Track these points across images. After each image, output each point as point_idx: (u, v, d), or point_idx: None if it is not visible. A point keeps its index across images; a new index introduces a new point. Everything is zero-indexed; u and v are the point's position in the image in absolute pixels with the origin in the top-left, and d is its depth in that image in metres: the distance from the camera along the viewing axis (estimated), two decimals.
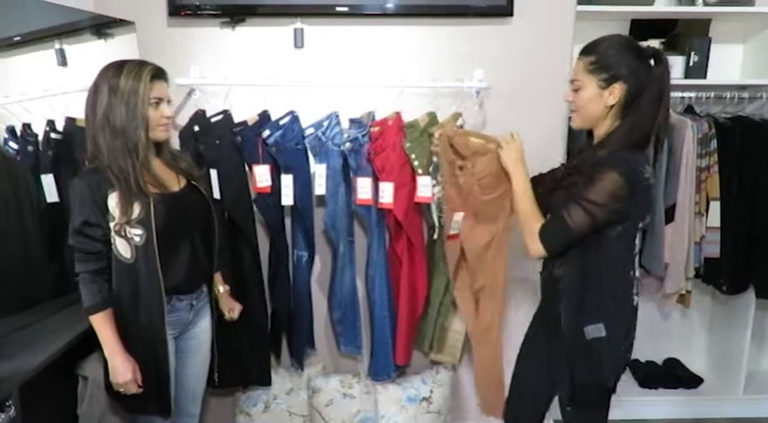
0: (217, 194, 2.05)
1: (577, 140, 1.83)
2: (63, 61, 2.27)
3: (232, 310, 1.94)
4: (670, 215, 2.39)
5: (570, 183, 1.52)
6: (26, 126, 2.21)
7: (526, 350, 1.80)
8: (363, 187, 2.07)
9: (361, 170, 2.07)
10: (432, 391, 2.38)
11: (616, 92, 1.47)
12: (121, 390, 1.57)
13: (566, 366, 1.55)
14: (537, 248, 1.53)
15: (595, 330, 1.49)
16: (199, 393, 1.85)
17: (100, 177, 1.51)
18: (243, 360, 2.21)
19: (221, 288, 1.91)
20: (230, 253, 2.14)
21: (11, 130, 2.21)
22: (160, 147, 1.67)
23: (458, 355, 2.37)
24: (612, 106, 1.50)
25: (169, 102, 1.61)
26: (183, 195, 1.67)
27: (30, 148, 2.16)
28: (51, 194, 2.09)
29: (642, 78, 1.45)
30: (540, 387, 1.74)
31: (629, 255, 1.52)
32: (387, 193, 2.03)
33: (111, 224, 1.51)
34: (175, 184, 1.67)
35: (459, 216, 1.89)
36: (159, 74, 1.56)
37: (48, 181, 2.12)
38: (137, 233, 1.51)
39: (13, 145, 2.19)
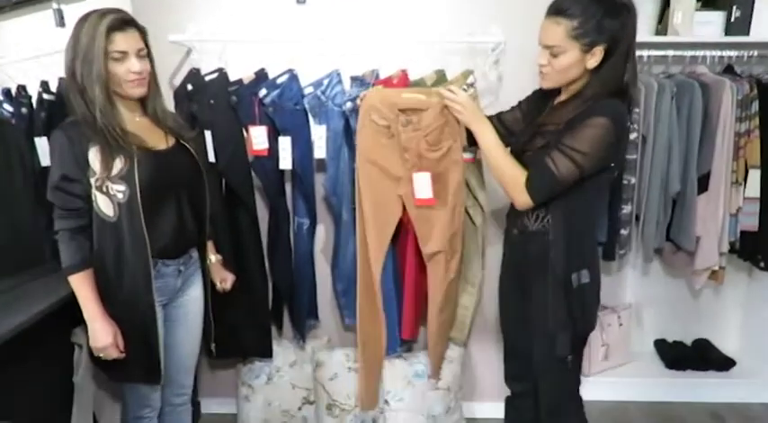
0: (212, 157, 1.95)
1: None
2: (61, 22, 2.19)
3: (224, 280, 1.84)
4: (703, 184, 2.19)
5: (542, 145, 1.49)
6: (21, 88, 2.15)
7: (506, 310, 1.81)
8: None
9: None
10: (441, 368, 2.27)
11: (597, 54, 1.43)
12: (102, 355, 1.50)
13: (559, 319, 1.52)
14: (524, 200, 1.50)
15: (582, 277, 1.51)
16: (191, 364, 1.77)
17: (80, 130, 1.42)
18: (241, 331, 2.14)
19: (213, 257, 1.81)
20: (227, 220, 2.05)
21: (6, 93, 2.16)
22: (145, 103, 1.57)
23: (465, 332, 2.25)
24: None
25: (142, 55, 1.47)
26: (171, 154, 1.57)
27: (24, 110, 2.10)
28: (45, 158, 2.03)
29: (618, 35, 1.41)
30: (530, 343, 1.69)
31: (603, 200, 1.64)
32: None
33: (92, 179, 1.42)
34: (163, 142, 1.57)
35: (424, 177, 1.76)
36: (121, 24, 1.41)
37: (41, 144, 2.06)
38: (119, 189, 1.42)
39: (8, 107, 2.14)
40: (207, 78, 1.97)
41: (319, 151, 1.97)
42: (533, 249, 1.57)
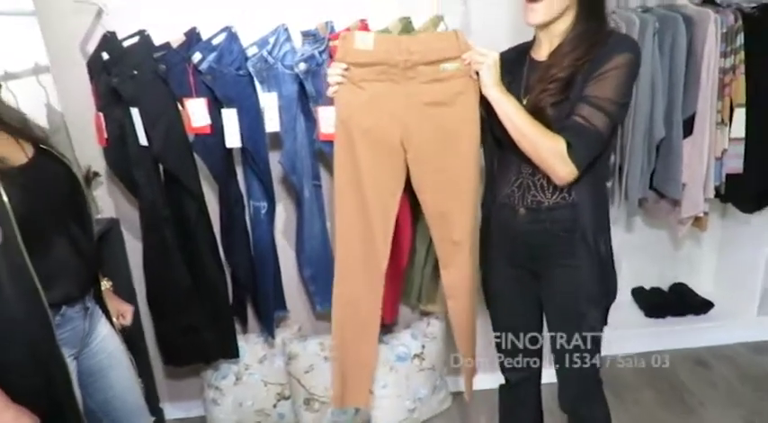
0: (143, 140, 1.63)
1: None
2: None
3: (122, 314, 1.46)
4: (688, 127, 2.05)
5: (555, 102, 1.27)
6: None
7: (504, 305, 1.57)
8: (327, 118, 1.66)
9: (322, 97, 1.66)
10: (423, 347, 2.11)
11: None
12: None
13: (593, 295, 1.36)
14: (569, 171, 1.26)
15: (608, 241, 1.37)
16: (141, 403, 1.46)
17: None
18: (201, 334, 1.89)
19: (105, 283, 1.40)
20: (172, 209, 1.76)
21: None
22: None
23: None
24: None
25: None
26: (38, 167, 1.16)
27: None
28: None
29: None
30: (532, 327, 1.55)
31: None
32: None
33: None
34: (20, 153, 1.15)
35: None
36: None
37: None
38: None
39: None
40: (125, 44, 1.62)
41: (271, 123, 1.68)
42: (554, 227, 1.33)
